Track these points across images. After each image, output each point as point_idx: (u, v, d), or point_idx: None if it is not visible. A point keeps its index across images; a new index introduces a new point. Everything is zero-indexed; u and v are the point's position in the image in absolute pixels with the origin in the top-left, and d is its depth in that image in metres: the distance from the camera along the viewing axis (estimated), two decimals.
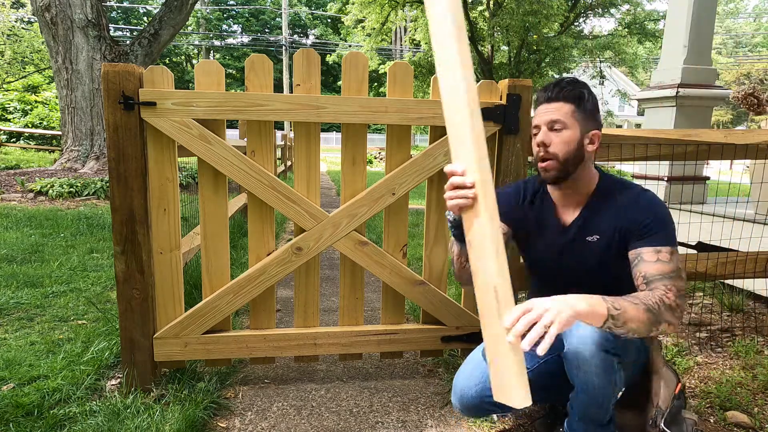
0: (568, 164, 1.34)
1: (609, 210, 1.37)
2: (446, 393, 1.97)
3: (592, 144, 1.37)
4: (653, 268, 1.25)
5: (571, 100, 1.33)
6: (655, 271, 1.25)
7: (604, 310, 1.07)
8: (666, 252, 1.26)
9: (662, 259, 1.26)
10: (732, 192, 8.00)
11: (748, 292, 3.04)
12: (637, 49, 17.86)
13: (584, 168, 1.38)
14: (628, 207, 1.35)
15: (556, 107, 1.34)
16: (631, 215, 1.33)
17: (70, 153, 7.48)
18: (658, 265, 1.25)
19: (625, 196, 1.37)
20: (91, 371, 1.95)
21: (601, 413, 1.29)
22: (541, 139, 1.35)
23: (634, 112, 33.45)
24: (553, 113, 1.33)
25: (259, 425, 1.73)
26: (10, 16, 17.20)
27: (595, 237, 1.39)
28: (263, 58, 1.81)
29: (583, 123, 1.35)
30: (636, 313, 1.11)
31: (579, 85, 1.35)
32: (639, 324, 1.11)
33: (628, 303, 1.12)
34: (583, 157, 1.36)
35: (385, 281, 2.00)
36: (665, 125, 3.76)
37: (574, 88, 1.34)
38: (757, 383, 2.02)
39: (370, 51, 17.02)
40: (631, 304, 1.12)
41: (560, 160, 1.34)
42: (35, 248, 3.86)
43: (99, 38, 7.18)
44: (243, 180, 1.81)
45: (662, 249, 1.27)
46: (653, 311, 1.13)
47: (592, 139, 1.36)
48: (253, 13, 36.94)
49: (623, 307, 1.10)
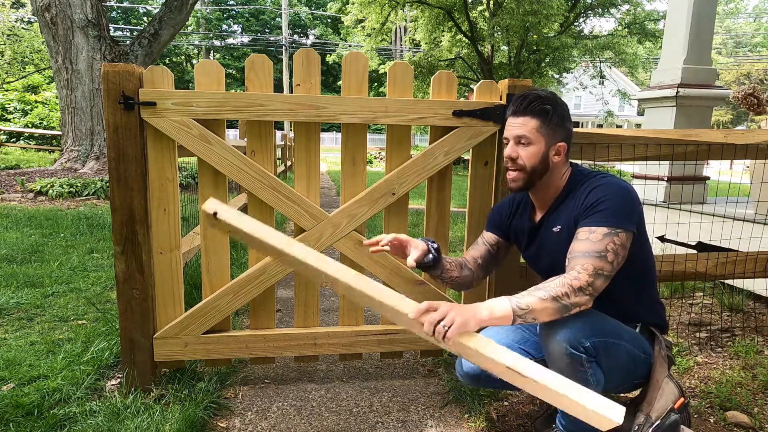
0: (534, 175, 1.42)
1: (570, 201, 1.42)
2: (446, 393, 1.97)
3: (558, 155, 1.42)
4: (579, 245, 1.28)
5: (537, 115, 1.38)
6: (579, 248, 1.28)
7: (509, 312, 1.19)
8: (598, 232, 1.27)
9: (592, 238, 1.27)
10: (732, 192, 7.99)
11: (748, 292, 3.03)
12: (637, 49, 17.84)
13: (551, 175, 1.44)
14: (582, 193, 1.38)
15: (523, 122, 1.40)
16: (582, 200, 1.36)
17: (70, 153, 7.48)
18: (585, 244, 1.27)
19: (585, 186, 1.40)
20: (91, 371, 1.95)
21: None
22: (508, 153, 1.43)
23: (634, 112, 33.44)
24: (520, 128, 1.40)
25: (259, 425, 1.73)
26: (10, 16, 17.20)
27: (557, 227, 1.43)
28: (263, 58, 1.81)
29: (549, 137, 1.40)
30: (542, 306, 1.21)
31: (546, 99, 1.39)
32: (548, 314, 1.22)
33: (534, 298, 1.21)
34: (549, 168, 1.42)
35: (385, 281, 2.00)
36: (665, 125, 3.76)
37: (540, 103, 1.38)
38: (757, 383, 2.02)
39: (370, 51, 17.02)
40: (538, 299, 1.21)
41: (527, 172, 1.41)
42: (35, 248, 3.86)
43: (99, 38, 7.18)
44: (243, 180, 1.81)
45: (596, 229, 1.28)
46: (559, 300, 1.21)
47: (558, 150, 1.42)
48: (253, 13, 36.95)
49: (529, 304, 1.20)
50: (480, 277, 1.66)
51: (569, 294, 1.21)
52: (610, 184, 1.35)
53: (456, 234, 4.95)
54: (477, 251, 1.66)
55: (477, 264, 1.64)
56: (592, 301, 1.25)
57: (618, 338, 1.31)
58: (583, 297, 1.22)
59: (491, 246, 1.65)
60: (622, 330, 1.35)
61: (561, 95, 24.71)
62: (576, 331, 1.24)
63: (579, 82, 20.83)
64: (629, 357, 1.35)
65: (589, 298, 1.24)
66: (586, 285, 1.22)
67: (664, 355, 1.39)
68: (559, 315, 1.23)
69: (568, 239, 1.36)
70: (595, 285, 1.23)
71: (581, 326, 1.25)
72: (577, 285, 1.22)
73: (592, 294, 1.24)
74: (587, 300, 1.23)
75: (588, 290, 1.23)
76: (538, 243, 1.52)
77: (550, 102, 1.38)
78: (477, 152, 1.98)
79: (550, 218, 1.47)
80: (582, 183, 1.42)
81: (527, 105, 1.39)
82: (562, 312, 1.22)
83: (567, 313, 1.23)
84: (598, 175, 1.41)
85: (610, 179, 1.37)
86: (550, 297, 1.21)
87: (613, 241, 1.26)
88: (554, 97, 1.40)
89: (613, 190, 1.33)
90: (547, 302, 1.21)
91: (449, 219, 2.04)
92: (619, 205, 1.30)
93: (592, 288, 1.23)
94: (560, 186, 1.46)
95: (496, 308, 1.20)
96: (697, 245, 3.27)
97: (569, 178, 1.46)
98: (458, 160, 17.32)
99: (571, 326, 1.25)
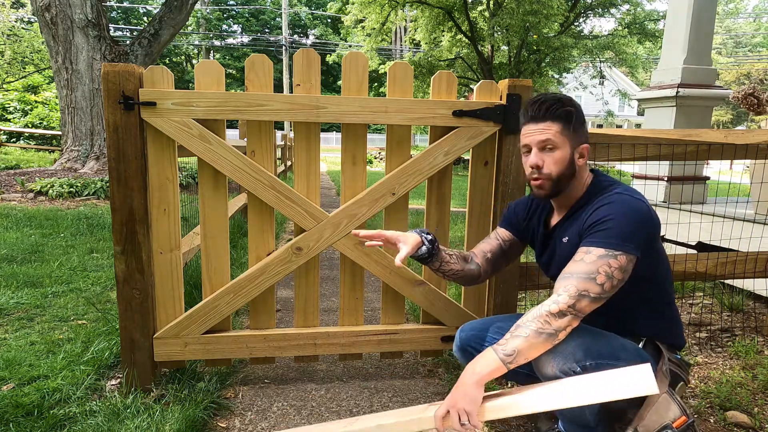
0: (562, 182, 1.36)
1: (582, 212, 1.37)
2: (446, 393, 1.96)
3: (582, 158, 1.38)
4: (571, 266, 1.25)
5: (560, 119, 1.34)
6: (570, 269, 1.25)
7: (497, 364, 1.20)
8: (594, 253, 1.23)
9: (586, 259, 1.23)
10: (732, 192, 8.00)
11: (748, 292, 3.04)
12: (637, 49, 17.84)
13: (575, 180, 1.39)
14: (592, 207, 1.33)
15: (545, 127, 1.34)
16: (589, 215, 1.32)
17: (70, 153, 7.48)
18: (578, 265, 1.24)
19: (598, 199, 1.34)
20: (91, 371, 1.95)
21: (582, 420, 1.31)
22: (534, 161, 1.35)
23: (634, 112, 33.44)
24: (543, 133, 1.34)
25: (259, 425, 1.73)
26: (10, 16, 17.19)
27: (566, 238, 1.40)
28: (263, 58, 1.81)
29: (573, 140, 1.35)
30: (528, 344, 1.20)
31: (565, 102, 1.34)
32: (538, 350, 1.22)
33: (518, 340, 1.21)
34: (575, 172, 1.37)
35: (385, 281, 2.00)
36: (665, 125, 3.76)
37: (561, 107, 1.34)
38: (757, 383, 2.02)
39: (370, 51, 17.00)
40: (521, 339, 1.21)
41: (553, 179, 1.35)
42: (35, 248, 3.86)
43: (99, 38, 7.18)
44: (243, 180, 1.81)
45: (593, 250, 1.23)
46: (542, 332, 1.20)
47: (582, 153, 1.37)
48: (253, 13, 36.93)
49: (515, 348, 1.20)
50: (488, 273, 1.61)
51: (549, 322, 1.20)
52: (618, 203, 1.28)
53: (456, 234, 4.95)
54: (488, 245, 1.62)
55: (486, 258, 1.59)
56: (578, 319, 1.22)
57: (614, 359, 1.25)
58: (563, 320, 1.20)
59: (503, 242, 1.61)
60: (619, 349, 1.29)
61: None
62: (566, 357, 1.22)
63: (579, 82, 20.82)
64: None
65: (572, 318, 1.21)
66: (566, 308, 1.20)
67: (665, 371, 1.34)
68: (550, 344, 1.21)
69: (572, 254, 1.33)
70: (577, 307, 1.20)
71: (572, 350, 1.23)
72: (556, 310, 1.20)
73: (576, 314, 1.21)
74: (570, 320, 1.20)
75: (569, 311, 1.20)
76: (550, 251, 1.48)
77: (571, 104, 1.34)
78: (477, 152, 1.98)
79: (563, 226, 1.43)
80: (599, 193, 1.36)
81: (547, 109, 1.34)
82: (551, 340, 1.21)
83: (556, 339, 1.21)
84: (614, 190, 1.34)
85: (623, 197, 1.29)
86: (532, 333, 1.20)
87: (609, 264, 1.21)
88: (570, 99, 1.36)
89: (619, 210, 1.26)
90: (531, 338, 1.20)
91: (449, 219, 2.04)
92: (622, 225, 1.24)
93: (574, 309, 1.20)
94: (580, 193, 1.41)
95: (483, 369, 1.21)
96: (697, 245, 3.27)
97: (588, 187, 1.40)
98: (458, 160, 17.32)
99: (561, 352, 1.23)
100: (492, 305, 2.04)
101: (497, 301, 2.02)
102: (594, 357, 1.23)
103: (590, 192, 1.39)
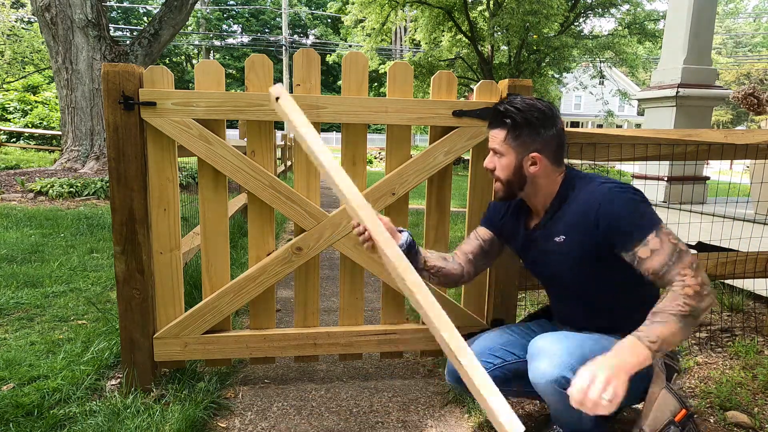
0: (513, 187, 1.40)
1: (567, 207, 1.36)
2: (446, 393, 1.97)
3: (534, 165, 1.36)
4: (654, 262, 1.23)
5: (503, 126, 1.35)
6: (658, 264, 1.22)
7: (645, 351, 1.10)
8: (654, 240, 1.23)
9: (655, 248, 1.23)
10: (732, 192, 7.99)
11: (748, 292, 3.04)
12: (637, 49, 17.84)
13: (534, 184, 1.39)
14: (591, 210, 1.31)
15: (493, 134, 1.39)
16: (595, 221, 1.29)
17: (70, 153, 7.48)
18: (658, 257, 1.22)
19: (583, 196, 1.33)
20: (91, 371, 1.95)
21: (582, 427, 1.32)
22: (485, 164, 1.43)
23: (634, 112, 33.43)
24: (493, 140, 1.39)
25: (259, 425, 1.73)
26: (10, 16, 17.19)
27: (560, 237, 1.38)
28: (263, 58, 1.81)
29: (519, 148, 1.35)
30: (670, 330, 1.13)
31: (512, 109, 1.33)
32: (682, 336, 1.14)
33: (660, 327, 1.13)
34: (525, 179, 1.38)
35: (385, 281, 2.00)
36: (665, 125, 3.76)
37: (505, 113, 1.33)
38: (757, 383, 2.02)
39: (370, 51, 17.01)
40: (662, 325, 1.13)
41: (504, 183, 1.40)
42: (35, 248, 3.86)
43: (99, 38, 7.17)
44: (243, 180, 1.81)
45: (649, 239, 1.23)
46: (685, 315, 1.14)
47: (533, 160, 1.36)
48: (253, 13, 36.94)
49: (659, 335, 1.12)
50: (470, 274, 1.60)
51: (692, 304, 1.15)
52: (614, 195, 1.28)
53: (456, 234, 4.95)
54: (469, 246, 1.60)
55: (467, 259, 1.58)
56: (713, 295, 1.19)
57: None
58: (704, 299, 1.16)
59: (484, 242, 1.60)
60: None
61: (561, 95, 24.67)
62: (558, 365, 1.22)
63: (579, 82, 20.84)
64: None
65: (710, 295, 1.17)
66: (699, 285, 1.17)
67: (661, 365, 1.35)
68: (691, 328, 1.16)
69: (577, 255, 1.33)
70: (700, 278, 1.18)
71: (566, 358, 1.23)
72: (692, 292, 1.16)
73: (707, 289, 1.18)
74: (710, 298, 1.17)
75: (704, 289, 1.17)
76: (538, 251, 1.47)
77: (516, 113, 1.32)
78: (477, 152, 1.98)
79: (547, 225, 1.42)
80: (579, 189, 1.35)
81: (494, 116, 1.36)
82: (693, 324, 1.16)
83: (698, 321, 1.17)
84: (592, 181, 1.34)
85: (611, 190, 1.30)
86: (673, 318, 1.14)
87: (666, 234, 1.23)
88: (525, 105, 1.33)
89: (622, 198, 1.28)
90: (672, 325, 1.13)
91: (449, 219, 2.04)
92: (637, 206, 1.27)
93: (703, 281, 1.18)
94: (552, 192, 1.40)
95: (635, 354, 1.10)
96: (697, 245, 3.27)
97: (562, 183, 1.40)
98: (458, 160, 17.31)
99: (553, 360, 1.23)
100: (492, 305, 2.04)
101: (497, 301, 2.02)
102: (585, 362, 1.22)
103: (564, 188, 1.39)
